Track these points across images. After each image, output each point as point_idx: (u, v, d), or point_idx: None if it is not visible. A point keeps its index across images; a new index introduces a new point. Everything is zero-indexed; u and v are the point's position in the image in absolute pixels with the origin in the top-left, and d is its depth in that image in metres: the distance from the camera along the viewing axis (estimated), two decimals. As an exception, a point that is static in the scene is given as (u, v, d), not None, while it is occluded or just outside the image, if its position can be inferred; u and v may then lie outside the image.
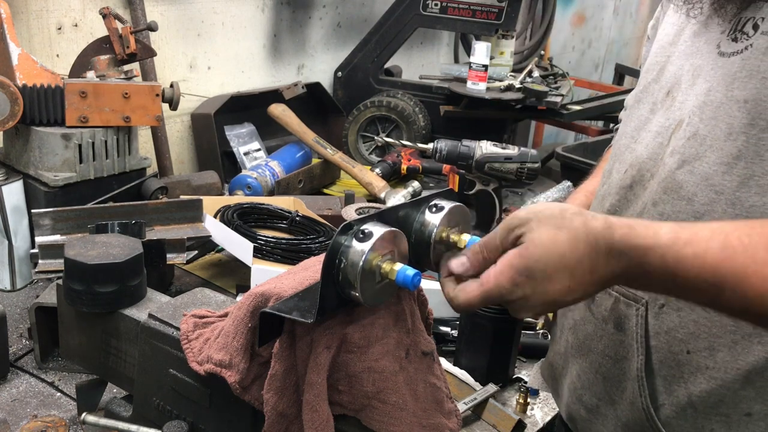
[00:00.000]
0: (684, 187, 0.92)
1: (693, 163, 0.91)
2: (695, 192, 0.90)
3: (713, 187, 0.89)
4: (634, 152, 1.02)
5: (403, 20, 2.76)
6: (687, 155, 0.92)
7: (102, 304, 1.11)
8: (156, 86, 1.79)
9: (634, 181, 1.01)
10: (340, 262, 0.83)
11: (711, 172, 0.89)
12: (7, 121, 1.62)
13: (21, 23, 1.94)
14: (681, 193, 0.92)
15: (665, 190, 0.94)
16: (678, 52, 0.99)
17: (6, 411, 1.29)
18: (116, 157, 1.76)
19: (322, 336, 0.88)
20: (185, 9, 2.36)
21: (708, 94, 0.91)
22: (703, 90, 0.92)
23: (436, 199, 0.97)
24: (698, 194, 0.90)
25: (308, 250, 1.69)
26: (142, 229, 1.52)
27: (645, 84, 1.06)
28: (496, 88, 2.66)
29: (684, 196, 0.92)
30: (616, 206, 1.03)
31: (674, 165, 0.93)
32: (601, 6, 4.83)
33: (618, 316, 1.01)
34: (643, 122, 1.03)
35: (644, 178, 0.99)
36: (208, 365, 0.96)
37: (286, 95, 2.51)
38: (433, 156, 1.96)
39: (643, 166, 1.00)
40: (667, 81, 1.00)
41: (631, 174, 1.01)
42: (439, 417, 0.97)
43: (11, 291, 1.71)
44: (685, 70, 0.97)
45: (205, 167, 2.42)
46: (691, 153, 0.92)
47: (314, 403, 0.88)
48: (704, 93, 0.92)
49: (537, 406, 1.42)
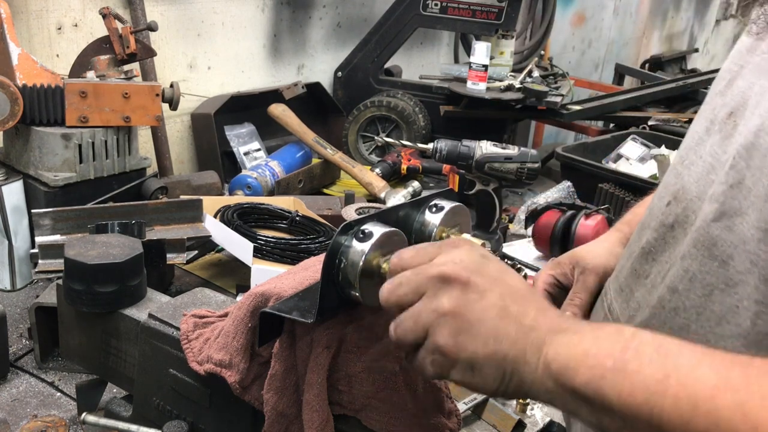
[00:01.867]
0: (718, 246, 0.72)
1: (734, 218, 0.71)
2: (731, 254, 0.71)
3: (749, 255, 0.70)
4: (680, 180, 0.81)
5: (403, 20, 2.76)
6: (728, 207, 0.72)
7: (102, 304, 1.11)
8: (156, 86, 1.79)
9: (677, 221, 0.80)
10: (340, 262, 0.83)
11: (748, 236, 0.70)
12: (7, 121, 1.62)
13: (21, 23, 1.94)
14: (714, 252, 0.73)
15: (695, 242, 0.75)
16: (752, 64, 0.76)
17: (6, 411, 1.29)
18: (116, 157, 1.76)
19: (322, 336, 0.88)
20: (185, 9, 2.36)
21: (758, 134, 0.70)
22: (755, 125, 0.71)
23: (436, 199, 0.97)
24: (735, 258, 0.71)
25: (308, 250, 1.69)
26: (142, 229, 1.52)
27: (712, 94, 0.83)
28: (496, 88, 2.66)
29: (717, 257, 0.72)
30: (652, 245, 0.84)
31: (710, 215, 0.74)
32: (601, 6, 4.83)
33: None
34: (696, 142, 0.81)
35: (688, 220, 0.78)
36: (208, 365, 0.96)
37: (286, 95, 2.51)
38: (433, 156, 1.96)
39: (689, 206, 0.78)
40: (732, 98, 0.77)
41: (675, 211, 0.81)
42: (439, 417, 0.97)
43: (11, 291, 1.71)
44: (755, 91, 0.74)
45: (205, 167, 2.42)
46: (733, 206, 0.71)
47: (314, 403, 0.88)
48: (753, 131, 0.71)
49: (537, 406, 1.42)
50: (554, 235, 1.94)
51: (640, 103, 3.16)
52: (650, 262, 0.83)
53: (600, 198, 2.15)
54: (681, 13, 5.86)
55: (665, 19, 5.66)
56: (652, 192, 1.03)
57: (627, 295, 0.86)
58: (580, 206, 2.02)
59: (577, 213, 1.96)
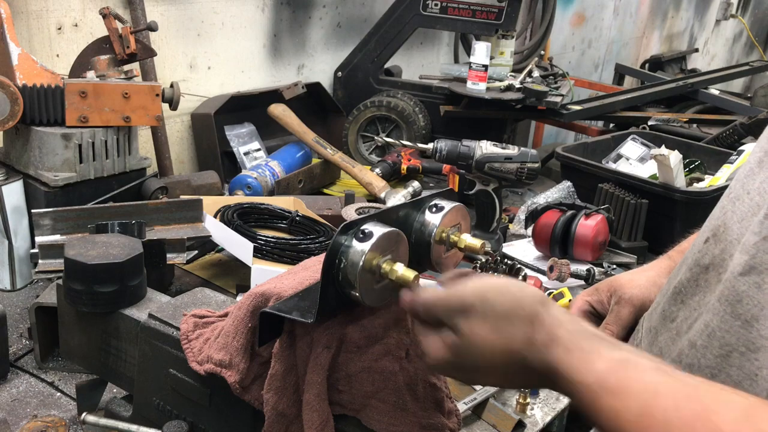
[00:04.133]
0: (743, 303, 0.65)
1: (764, 275, 0.64)
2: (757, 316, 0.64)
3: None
4: (724, 215, 0.72)
5: (403, 20, 2.76)
6: (758, 260, 0.64)
7: (102, 304, 1.11)
8: (156, 86, 1.79)
9: (713, 264, 0.71)
10: (340, 262, 0.83)
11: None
12: (7, 121, 1.62)
13: (21, 23, 1.94)
14: (737, 310, 0.66)
15: (720, 295, 0.68)
16: None
17: (6, 411, 1.29)
18: (116, 157, 1.76)
19: (322, 336, 0.88)
20: (185, 9, 2.36)
21: None
22: None
23: (436, 199, 0.97)
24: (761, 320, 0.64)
25: (308, 250, 1.69)
26: (142, 229, 1.52)
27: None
28: (496, 88, 2.66)
29: (741, 315, 0.65)
30: (684, 285, 0.75)
31: (739, 267, 0.66)
32: (601, 6, 4.83)
33: None
34: (746, 175, 0.71)
35: (723, 264, 0.69)
36: (208, 365, 0.96)
37: (286, 95, 2.50)
38: (433, 156, 1.96)
39: (728, 248, 0.69)
40: None
41: (712, 251, 0.71)
42: (439, 417, 0.97)
43: (11, 291, 1.71)
44: None
45: (205, 167, 2.42)
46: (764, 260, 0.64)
47: (314, 403, 0.88)
48: None
49: (537, 406, 1.42)
50: (554, 235, 1.94)
51: (640, 103, 3.16)
52: (678, 304, 0.76)
53: (600, 198, 2.16)
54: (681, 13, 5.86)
55: (665, 19, 5.66)
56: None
57: (653, 338, 0.81)
58: (580, 206, 2.03)
59: (577, 213, 1.96)
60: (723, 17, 6.40)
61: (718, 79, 3.54)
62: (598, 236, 1.93)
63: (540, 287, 1.75)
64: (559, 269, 1.75)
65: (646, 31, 5.45)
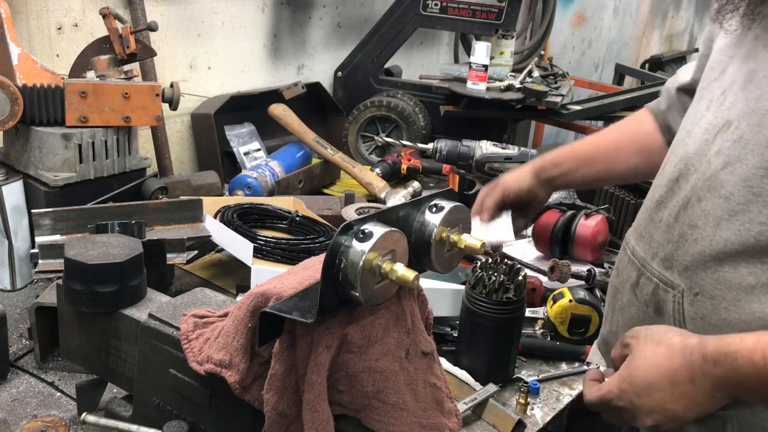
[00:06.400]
0: (725, 186, 0.97)
1: (735, 164, 0.96)
2: (732, 192, 0.96)
3: (751, 189, 0.94)
4: (685, 147, 1.07)
5: (403, 20, 2.76)
6: (731, 157, 0.97)
7: (102, 304, 1.11)
8: (156, 86, 1.79)
9: (680, 174, 1.06)
10: (340, 262, 0.83)
11: (750, 174, 0.94)
12: (7, 121, 1.62)
13: (21, 23, 1.94)
14: (721, 192, 0.97)
15: (709, 188, 0.99)
16: (740, 54, 1.02)
17: (6, 411, 1.29)
18: (116, 157, 1.76)
19: (322, 336, 0.88)
20: (185, 9, 2.36)
21: (758, 101, 0.95)
22: (753, 96, 0.96)
23: (436, 199, 0.97)
24: (735, 194, 0.95)
25: (308, 250, 1.69)
26: (142, 229, 1.52)
27: (708, 81, 1.09)
28: (496, 88, 2.66)
29: (723, 195, 0.97)
30: (663, 197, 1.09)
31: (719, 165, 0.98)
32: (601, 6, 4.83)
33: (657, 300, 1.07)
34: (698, 118, 1.07)
35: (689, 171, 1.04)
36: (208, 365, 0.96)
37: (286, 95, 2.50)
38: (433, 156, 1.96)
39: (689, 161, 1.04)
40: (725, 81, 1.03)
41: (679, 168, 1.06)
42: (439, 417, 0.97)
43: (11, 291, 1.71)
44: (742, 72, 1.00)
45: (205, 167, 2.42)
46: (735, 155, 0.96)
47: (314, 403, 0.88)
48: (754, 99, 0.96)
49: (537, 406, 1.42)
50: (554, 235, 1.94)
51: (640, 103, 3.15)
52: (661, 209, 1.08)
53: (600, 198, 2.16)
54: (681, 13, 5.86)
55: (665, 19, 5.66)
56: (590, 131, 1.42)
57: (647, 239, 1.10)
58: (580, 206, 2.03)
59: (577, 213, 1.96)
60: (723, 17, 6.38)
61: (718, 79, 3.53)
62: (598, 236, 1.93)
63: (540, 287, 1.75)
64: (560, 270, 1.75)
65: (646, 31, 5.45)
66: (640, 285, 1.11)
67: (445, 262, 0.98)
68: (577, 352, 1.57)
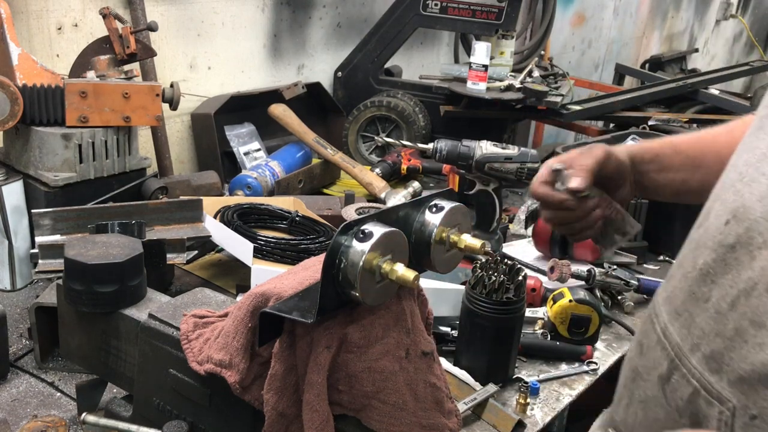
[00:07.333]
0: None
1: None
2: None
3: None
4: (741, 198, 0.76)
5: (403, 20, 2.76)
6: None
7: (102, 304, 1.11)
8: (156, 86, 1.79)
9: (739, 242, 0.75)
10: (340, 262, 0.83)
11: None
12: (7, 121, 1.62)
13: (21, 23, 1.94)
14: None
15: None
16: None
17: (6, 411, 1.29)
18: (116, 157, 1.76)
19: (322, 336, 0.88)
20: (185, 9, 2.36)
21: None
22: None
23: (436, 199, 0.97)
24: None
25: (308, 250, 1.69)
26: (142, 229, 1.52)
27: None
28: (496, 88, 2.66)
29: None
30: (711, 266, 0.78)
31: None
32: (601, 6, 4.83)
33: (696, 413, 0.78)
34: (758, 158, 0.76)
35: (752, 242, 0.73)
36: (208, 365, 0.96)
37: (286, 95, 2.50)
38: (433, 156, 1.96)
39: (753, 227, 0.73)
40: None
41: (736, 231, 0.75)
42: (439, 417, 0.97)
43: (11, 291, 1.71)
44: None
45: (205, 167, 2.42)
46: None
47: (314, 403, 0.88)
48: None
49: (537, 406, 1.42)
50: (554, 236, 1.94)
51: (640, 103, 3.16)
52: (709, 284, 0.78)
53: (600, 198, 2.15)
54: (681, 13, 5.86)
55: (665, 19, 5.66)
56: None
57: (687, 321, 0.81)
58: (580, 206, 2.02)
59: (577, 213, 1.96)
60: (723, 17, 6.40)
61: (718, 79, 3.54)
62: (598, 236, 1.93)
63: (540, 287, 1.75)
64: (560, 270, 1.76)
65: (646, 31, 5.45)
66: (671, 383, 0.81)
67: (445, 262, 0.98)
68: (577, 352, 1.57)
